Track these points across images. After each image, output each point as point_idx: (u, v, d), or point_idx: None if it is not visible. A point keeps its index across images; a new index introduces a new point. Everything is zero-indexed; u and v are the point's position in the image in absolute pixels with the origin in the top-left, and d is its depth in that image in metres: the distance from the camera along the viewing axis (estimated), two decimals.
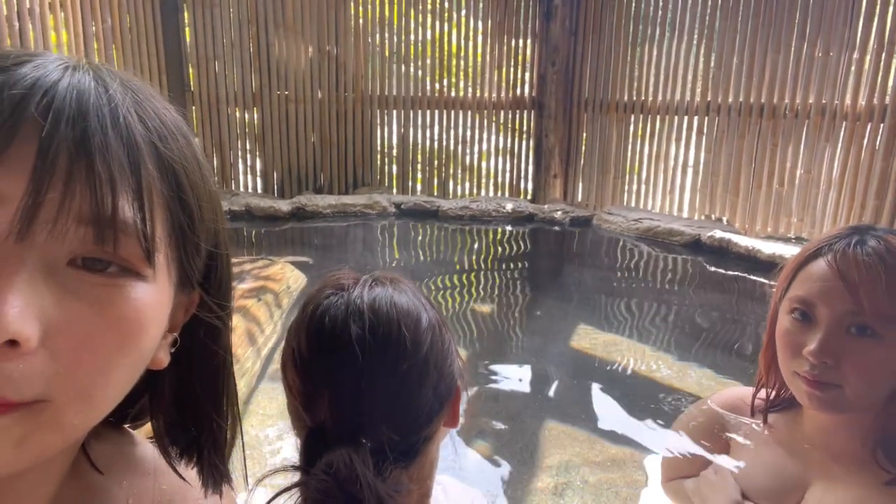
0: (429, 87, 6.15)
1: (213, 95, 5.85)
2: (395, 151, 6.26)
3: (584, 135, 6.05)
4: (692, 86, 5.33)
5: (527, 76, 6.17)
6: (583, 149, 6.09)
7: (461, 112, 6.17)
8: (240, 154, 6.09)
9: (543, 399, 2.49)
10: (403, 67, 6.09)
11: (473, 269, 4.38)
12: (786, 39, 4.70)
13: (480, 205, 5.67)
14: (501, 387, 2.56)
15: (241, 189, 6.09)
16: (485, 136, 6.29)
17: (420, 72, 6.14)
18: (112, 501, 0.54)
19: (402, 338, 0.68)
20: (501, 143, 6.31)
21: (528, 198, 6.27)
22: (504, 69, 6.13)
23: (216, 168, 6.02)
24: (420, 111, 6.15)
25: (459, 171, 6.33)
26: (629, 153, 5.77)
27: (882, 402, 0.97)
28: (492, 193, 6.33)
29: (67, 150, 0.39)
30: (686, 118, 5.37)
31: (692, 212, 5.41)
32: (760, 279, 3.91)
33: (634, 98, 5.65)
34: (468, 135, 6.23)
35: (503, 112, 6.23)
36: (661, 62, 5.44)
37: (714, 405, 1.26)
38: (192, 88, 5.81)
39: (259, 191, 6.13)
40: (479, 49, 6.13)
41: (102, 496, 0.54)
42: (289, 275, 3.35)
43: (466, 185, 6.35)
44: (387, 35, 6.01)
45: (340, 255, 4.81)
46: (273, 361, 2.69)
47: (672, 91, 5.41)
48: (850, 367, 0.93)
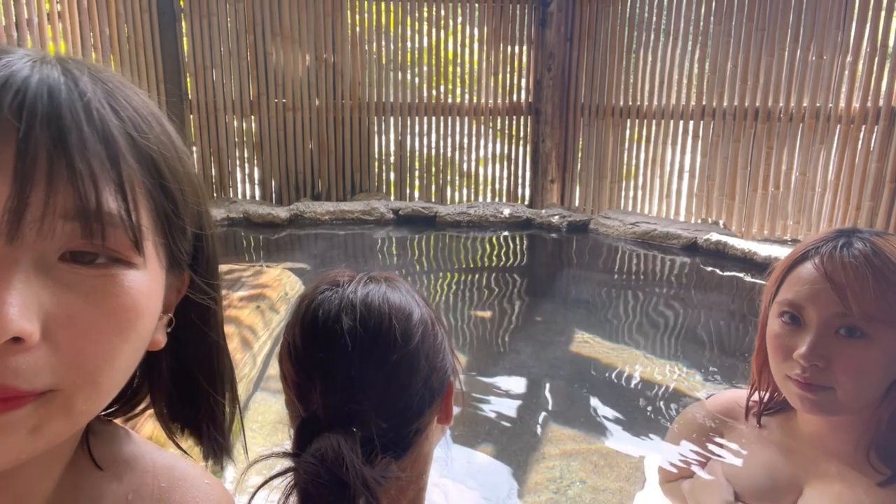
0: (426, 94, 6.18)
1: (211, 104, 5.87)
2: (393, 158, 6.28)
3: (581, 140, 6.08)
4: (687, 90, 5.36)
5: (523, 82, 6.20)
6: (579, 154, 6.12)
7: (458, 118, 6.20)
8: (238, 162, 6.11)
9: (542, 402, 2.50)
10: (400, 75, 6.12)
11: (471, 274, 4.39)
12: (779, 44, 4.73)
13: (478, 210, 5.69)
14: (500, 391, 2.57)
15: (240, 196, 6.11)
16: (482, 142, 6.32)
17: (417, 79, 6.18)
18: (112, 498, 0.55)
19: (393, 330, 0.70)
20: (498, 149, 6.34)
21: (526, 203, 6.30)
22: (500, 75, 6.16)
23: (214, 176, 6.05)
24: (417, 118, 6.18)
25: (457, 177, 6.36)
26: (625, 158, 5.80)
27: (874, 403, 0.98)
28: (489, 199, 6.35)
29: (46, 150, 0.39)
30: (681, 122, 5.40)
31: (689, 215, 5.44)
32: (757, 281, 3.93)
33: (630, 103, 5.68)
34: (465, 141, 6.26)
35: (500, 118, 6.26)
36: (657, 67, 5.48)
37: (709, 407, 1.27)
38: (191, 97, 5.84)
39: (257, 198, 6.14)
40: (476, 56, 6.17)
41: (102, 492, 0.54)
42: (286, 281, 3.36)
43: (464, 191, 6.38)
44: (383, 43, 6.05)
45: (338, 262, 4.82)
46: (271, 367, 2.69)
47: (667, 96, 5.44)
48: (841, 369, 0.94)
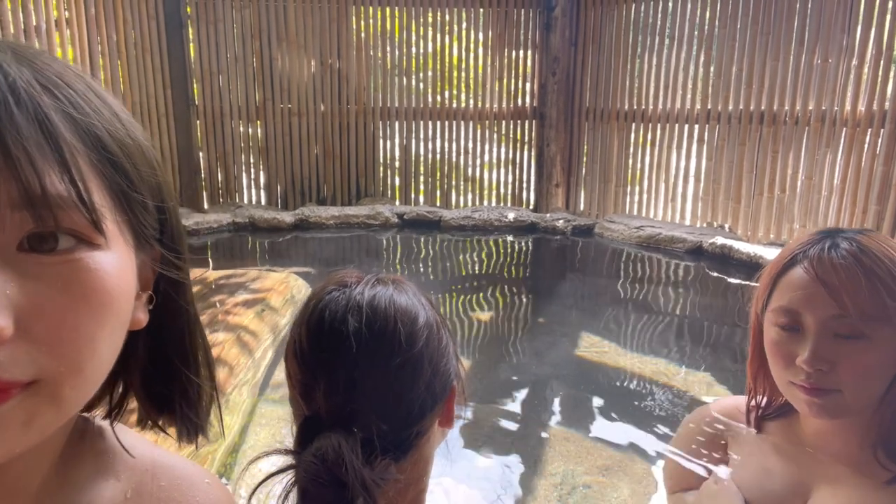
0: (430, 99, 6.19)
1: (218, 109, 5.90)
2: (398, 163, 6.30)
3: (586, 144, 6.08)
4: (692, 94, 5.36)
5: (528, 87, 6.21)
6: (584, 158, 6.11)
7: (463, 123, 6.21)
8: (244, 167, 6.13)
9: (546, 406, 2.49)
10: (405, 80, 6.14)
11: (476, 279, 4.39)
12: (785, 47, 4.72)
13: (482, 214, 5.69)
14: (504, 395, 2.57)
15: (245, 201, 6.13)
16: (486, 147, 6.33)
17: (422, 84, 6.19)
18: (110, 496, 0.54)
19: (398, 333, 0.70)
20: (503, 154, 6.35)
21: (531, 207, 6.29)
22: (505, 80, 6.17)
23: (220, 181, 6.07)
24: (422, 123, 6.19)
25: (461, 182, 6.36)
26: (630, 162, 5.80)
27: (878, 401, 0.97)
28: (494, 203, 6.35)
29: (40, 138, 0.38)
30: (686, 126, 5.39)
31: (694, 219, 5.43)
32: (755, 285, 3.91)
33: (635, 107, 5.68)
34: (470, 145, 6.27)
35: (504, 122, 6.27)
36: (661, 71, 5.48)
37: (713, 412, 1.26)
38: (197, 102, 5.87)
39: (263, 203, 6.16)
40: (480, 60, 6.18)
41: (100, 490, 0.54)
42: (292, 284, 3.38)
43: (469, 196, 6.38)
44: (388, 48, 6.07)
45: (343, 266, 4.83)
46: (277, 371, 2.70)
47: (672, 100, 5.44)
48: (845, 371, 0.94)
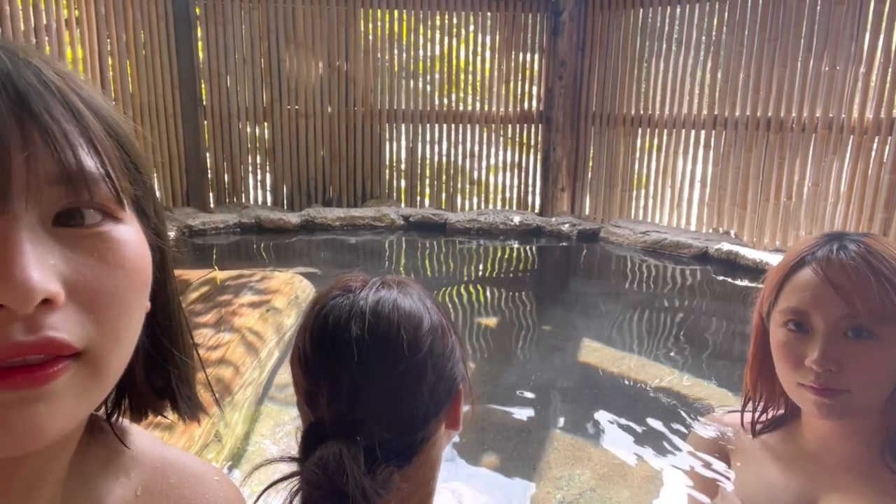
0: (437, 102, 6.20)
1: (225, 110, 5.92)
2: (404, 165, 6.31)
3: (592, 148, 6.07)
4: (699, 100, 5.35)
5: (534, 90, 6.21)
6: (590, 162, 6.11)
7: (469, 126, 6.22)
8: (250, 167, 6.15)
9: (550, 410, 2.49)
10: (412, 82, 6.15)
11: (481, 282, 4.40)
12: (792, 53, 4.72)
13: (488, 218, 5.70)
14: (508, 399, 2.57)
15: (252, 202, 6.15)
16: (492, 150, 6.33)
17: (428, 87, 6.21)
18: (121, 494, 0.55)
19: (401, 340, 0.70)
20: (509, 157, 6.35)
21: (536, 211, 6.29)
22: (512, 84, 6.18)
23: (227, 182, 6.09)
24: (428, 125, 6.20)
25: (467, 185, 6.37)
26: (636, 167, 5.79)
27: (884, 403, 0.97)
28: (499, 207, 6.35)
29: (14, 116, 0.39)
30: (693, 132, 5.38)
31: (700, 225, 5.42)
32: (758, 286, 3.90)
33: (641, 112, 5.68)
34: (476, 149, 6.27)
35: (511, 126, 6.27)
36: (668, 76, 5.48)
37: (717, 426, 1.26)
38: (205, 103, 5.89)
39: (269, 203, 6.18)
40: (487, 64, 6.19)
41: (111, 488, 0.54)
42: (298, 285, 3.38)
43: (474, 199, 6.38)
44: (396, 51, 6.08)
45: (348, 268, 4.84)
46: (282, 371, 2.71)
47: (679, 105, 5.43)
48: (855, 371, 0.94)
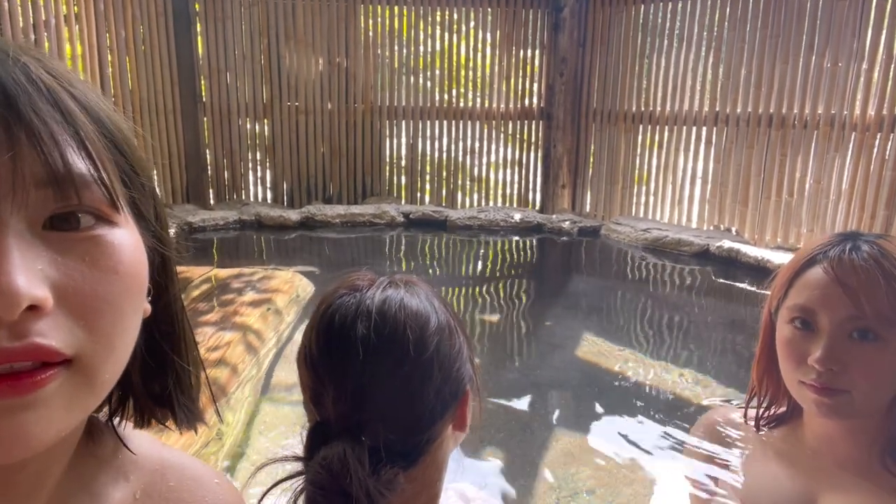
0: (437, 98, 6.19)
1: (225, 106, 5.91)
2: (404, 162, 6.30)
3: (593, 145, 6.06)
4: (700, 96, 5.34)
5: (535, 87, 6.19)
6: (591, 159, 6.10)
7: (469, 123, 6.21)
8: (250, 164, 6.14)
9: (550, 408, 2.49)
10: (412, 79, 6.14)
11: (481, 279, 4.39)
12: (794, 50, 4.70)
13: (488, 215, 5.69)
14: (509, 397, 2.56)
15: (252, 199, 6.14)
16: (493, 147, 6.32)
17: (429, 83, 6.19)
18: (120, 497, 0.54)
19: (406, 340, 0.69)
20: (509, 154, 6.34)
21: (537, 208, 6.28)
22: (512, 80, 6.16)
23: (227, 178, 6.08)
24: (429, 122, 6.19)
25: (468, 182, 6.36)
26: (637, 163, 5.78)
27: (886, 406, 0.97)
28: (500, 204, 6.34)
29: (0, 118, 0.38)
30: (694, 129, 5.37)
31: (701, 222, 5.41)
32: (766, 292, 3.89)
33: (643, 109, 5.66)
34: (476, 145, 6.26)
35: (511, 122, 6.26)
36: (670, 73, 5.46)
37: (717, 422, 1.25)
38: (205, 99, 5.88)
39: (269, 200, 6.17)
40: (488, 60, 6.17)
41: (110, 492, 0.54)
42: (297, 283, 3.38)
43: (475, 196, 6.37)
44: (396, 47, 6.07)
45: (349, 265, 4.84)
46: (279, 369, 2.70)
47: (680, 102, 5.42)
48: (857, 372, 0.94)
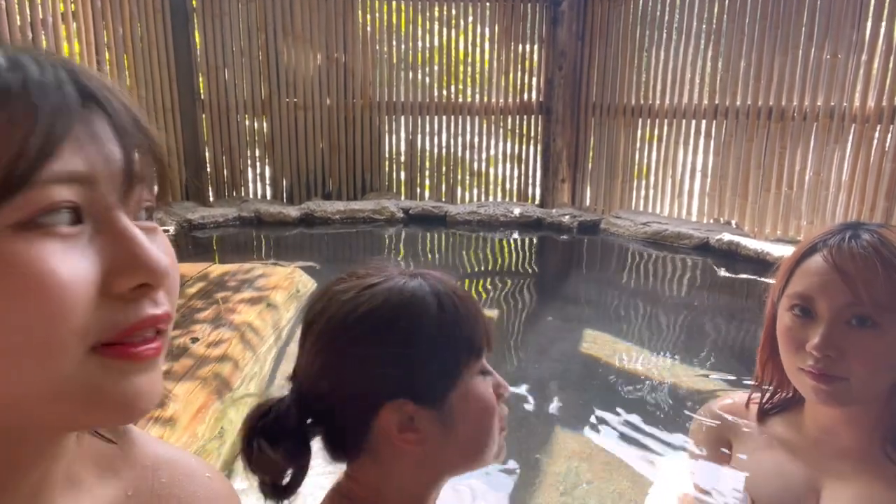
0: (436, 94, 6.18)
1: (223, 103, 5.90)
2: (403, 157, 6.29)
3: (592, 139, 6.05)
4: (700, 89, 5.32)
5: (534, 81, 6.18)
6: (590, 153, 6.09)
7: (469, 118, 6.19)
8: (249, 161, 6.14)
9: (550, 402, 2.49)
10: (411, 74, 6.12)
11: (481, 274, 4.39)
12: (793, 42, 4.68)
13: (488, 210, 5.68)
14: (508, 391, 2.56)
15: (251, 195, 6.14)
16: (492, 142, 6.31)
17: (428, 78, 6.18)
18: (111, 495, 0.54)
19: (375, 326, 0.73)
20: (509, 149, 6.33)
21: (536, 203, 6.28)
22: (511, 74, 6.15)
23: (226, 175, 6.08)
24: (428, 117, 6.18)
25: (467, 177, 6.35)
26: (637, 157, 5.77)
27: (886, 394, 0.97)
28: (500, 198, 6.34)
29: (130, 119, 0.45)
30: (694, 122, 5.36)
31: (701, 215, 5.40)
32: (770, 281, 3.89)
33: (642, 102, 5.65)
34: (476, 140, 6.25)
35: (511, 117, 6.25)
36: (669, 66, 5.44)
37: (717, 410, 1.25)
38: (203, 96, 5.87)
39: (268, 197, 6.17)
40: (487, 55, 6.16)
41: (100, 490, 0.54)
42: (298, 279, 3.38)
43: (474, 191, 6.37)
44: (394, 42, 6.05)
45: (349, 261, 4.84)
46: (284, 364, 2.71)
47: (679, 95, 5.40)
48: (854, 359, 0.94)
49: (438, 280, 0.76)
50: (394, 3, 5.97)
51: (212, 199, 6.01)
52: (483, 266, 4.68)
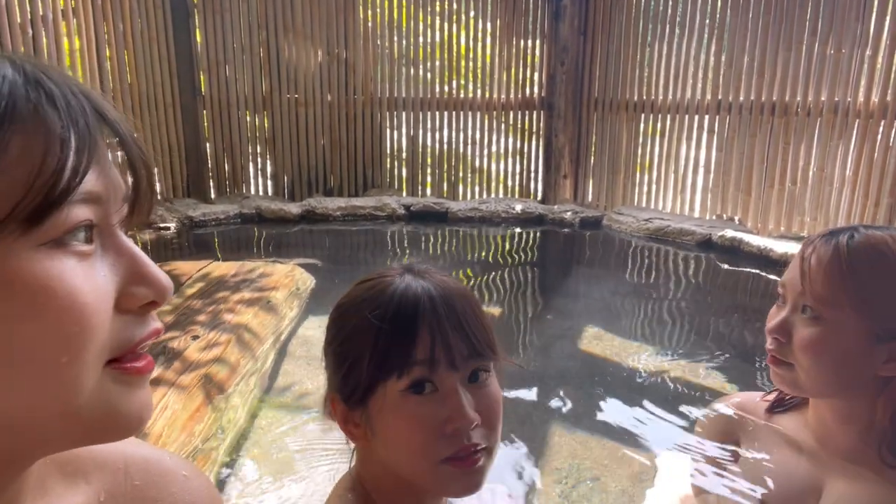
0: (438, 89, 6.15)
1: (224, 99, 5.89)
2: (405, 154, 6.27)
3: (594, 135, 6.02)
4: (703, 84, 5.29)
5: (536, 76, 6.15)
6: (593, 149, 6.06)
7: (470, 113, 6.17)
8: (250, 157, 6.12)
9: (552, 400, 2.48)
10: (412, 70, 6.10)
11: (483, 271, 4.38)
12: (797, 37, 4.65)
13: (490, 206, 5.66)
14: (509, 388, 2.56)
15: (252, 192, 6.13)
16: (494, 138, 6.28)
17: (429, 74, 6.15)
18: (82, 501, 0.53)
19: (331, 320, 0.82)
20: (511, 144, 6.30)
21: (538, 199, 6.25)
22: (513, 70, 6.12)
23: (227, 171, 6.07)
24: (429, 113, 6.15)
25: (469, 173, 6.33)
26: (639, 152, 5.74)
27: (846, 390, 1.00)
28: (501, 195, 6.32)
29: (131, 139, 0.46)
30: (697, 117, 5.33)
31: (703, 211, 5.38)
32: (773, 278, 3.88)
33: (644, 97, 5.62)
34: (477, 136, 6.22)
35: (512, 113, 6.22)
36: (672, 61, 5.41)
37: (725, 409, 1.25)
38: (203, 92, 5.86)
39: (269, 193, 6.16)
40: (488, 50, 6.13)
41: (71, 496, 0.52)
42: (297, 277, 3.38)
43: (476, 187, 6.34)
44: (396, 38, 6.03)
45: (350, 258, 4.83)
46: (285, 362, 2.70)
47: (682, 90, 5.37)
48: (796, 346, 1.00)
49: (417, 282, 0.77)
50: None
51: (213, 196, 5.99)
52: (484, 263, 4.67)
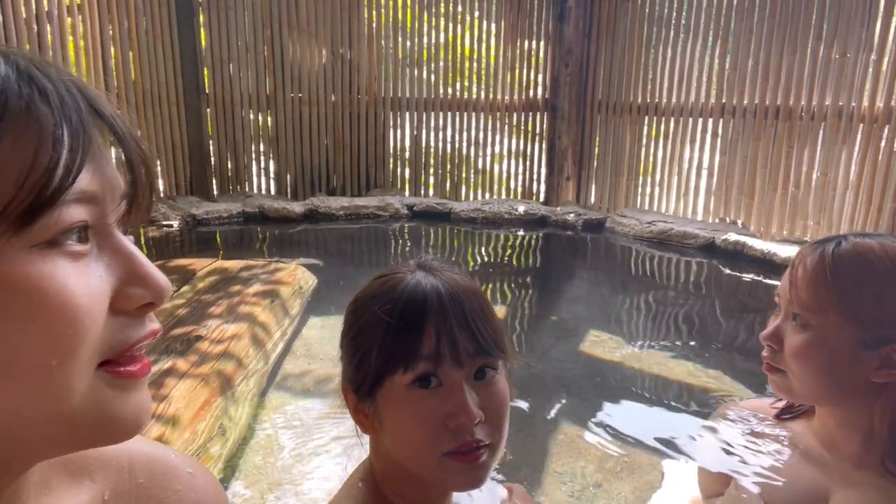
0: (442, 90, 6.15)
1: (228, 97, 5.89)
2: (408, 154, 6.27)
3: (598, 137, 6.02)
4: (707, 87, 5.29)
5: (540, 78, 6.15)
6: (596, 151, 6.06)
7: (474, 114, 6.17)
8: (254, 156, 6.12)
9: (555, 403, 2.48)
10: (416, 70, 6.10)
11: (485, 273, 4.37)
12: (802, 41, 4.65)
13: (492, 207, 5.66)
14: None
15: (255, 191, 6.13)
16: (497, 139, 6.28)
17: (433, 74, 6.15)
18: (87, 500, 0.53)
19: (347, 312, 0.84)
20: (514, 146, 6.30)
21: (541, 200, 6.25)
22: (517, 71, 6.11)
23: (230, 170, 6.07)
24: (433, 113, 6.15)
25: (472, 174, 6.33)
26: (643, 155, 5.74)
27: (837, 396, 1.01)
28: (504, 196, 6.31)
29: (132, 139, 0.45)
30: (700, 120, 5.32)
31: (706, 215, 5.37)
32: (776, 282, 3.87)
33: (648, 100, 5.61)
34: (481, 137, 6.22)
35: (516, 114, 6.22)
36: (676, 64, 5.41)
37: (736, 414, 1.25)
38: (207, 90, 5.86)
39: (272, 192, 6.16)
40: (493, 51, 6.12)
41: (75, 495, 0.52)
42: (300, 276, 3.37)
43: (479, 188, 6.34)
44: (400, 38, 6.03)
45: (352, 258, 4.83)
46: (286, 361, 2.70)
47: (686, 93, 5.37)
48: (787, 353, 1.01)
49: (430, 279, 0.78)
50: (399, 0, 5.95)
51: (216, 194, 5.99)
52: (487, 264, 4.67)
